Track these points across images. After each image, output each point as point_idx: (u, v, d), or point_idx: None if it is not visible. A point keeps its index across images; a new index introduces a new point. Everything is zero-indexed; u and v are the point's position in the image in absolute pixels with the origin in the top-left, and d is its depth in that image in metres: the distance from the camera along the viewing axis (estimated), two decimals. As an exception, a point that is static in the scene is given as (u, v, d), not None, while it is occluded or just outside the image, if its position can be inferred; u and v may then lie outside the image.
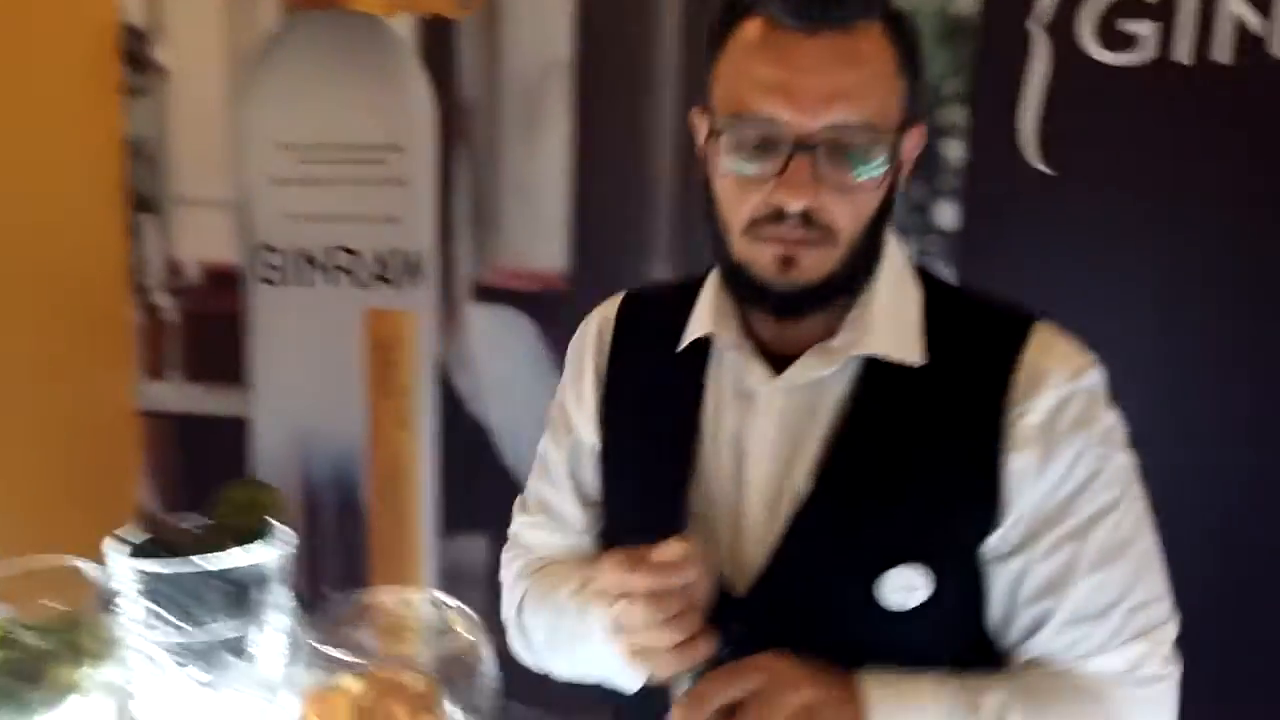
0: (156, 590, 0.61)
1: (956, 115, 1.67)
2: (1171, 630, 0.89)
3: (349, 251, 1.98)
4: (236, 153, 2.01)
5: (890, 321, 0.91)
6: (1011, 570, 0.89)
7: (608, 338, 1.06)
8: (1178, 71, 1.55)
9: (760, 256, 0.87)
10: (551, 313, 1.93)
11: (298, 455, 2.04)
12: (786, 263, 0.86)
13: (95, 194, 2.04)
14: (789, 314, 0.91)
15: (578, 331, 1.10)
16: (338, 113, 1.96)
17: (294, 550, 0.67)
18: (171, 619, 0.61)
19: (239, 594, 0.63)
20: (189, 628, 0.61)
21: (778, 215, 0.85)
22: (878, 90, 0.83)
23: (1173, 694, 0.90)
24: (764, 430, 0.93)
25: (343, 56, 1.95)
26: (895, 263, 0.94)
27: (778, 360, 0.94)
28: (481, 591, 2.01)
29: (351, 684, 0.64)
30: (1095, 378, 0.90)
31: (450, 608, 0.67)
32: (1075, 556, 0.87)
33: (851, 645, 0.86)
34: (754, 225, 0.86)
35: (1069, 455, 0.87)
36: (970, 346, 0.91)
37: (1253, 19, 1.51)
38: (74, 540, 0.73)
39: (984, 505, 0.88)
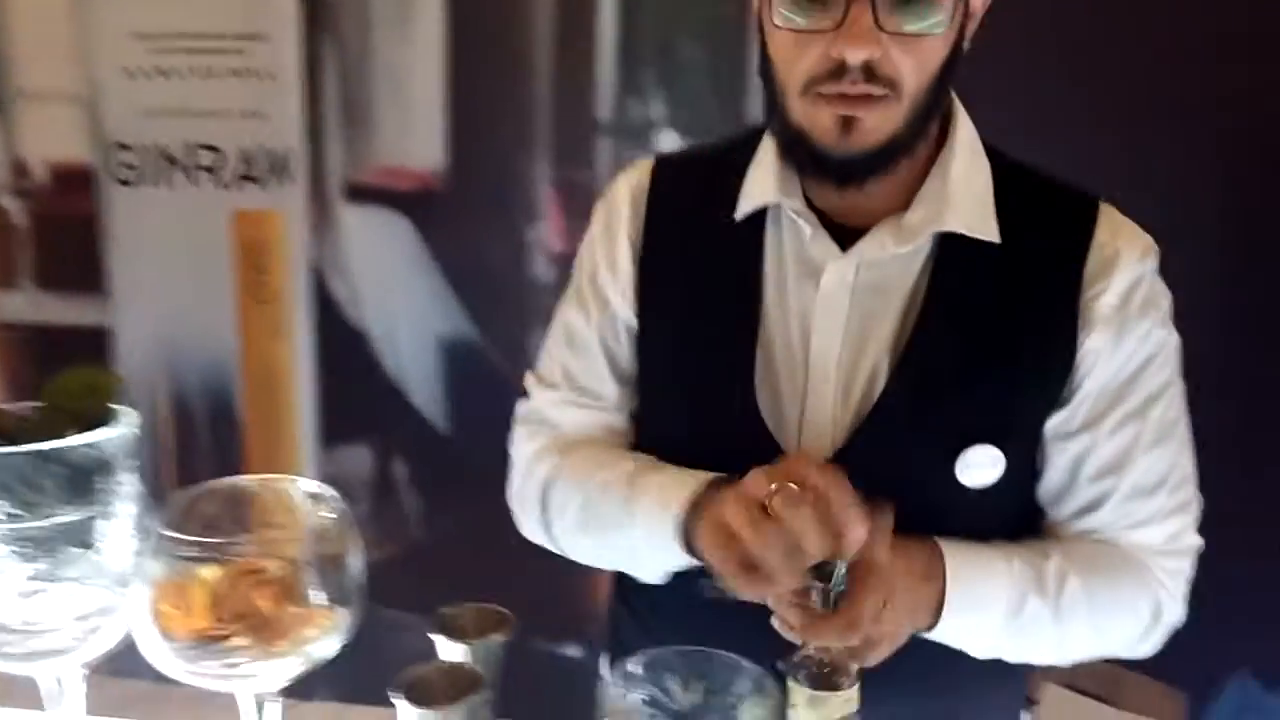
0: (-14, 478, 0.57)
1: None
2: (1199, 507, 0.93)
3: (211, 149, 1.87)
4: (84, 43, 1.87)
5: (967, 197, 0.88)
6: (1076, 447, 0.90)
7: (642, 207, 0.98)
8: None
9: (820, 119, 0.82)
10: (429, 213, 1.87)
11: (165, 366, 1.95)
12: (848, 124, 0.81)
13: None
14: (851, 181, 0.86)
15: (603, 199, 1.03)
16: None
17: (138, 434, 0.63)
18: (7, 507, 0.57)
19: (80, 480, 0.59)
20: (27, 516, 0.57)
21: (838, 70, 0.80)
22: None
23: (1194, 566, 0.94)
24: (834, 307, 0.89)
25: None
26: (967, 133, 0.91)
27: (842, 233, 0.90)
28: (366, 503, 1.99)
29: (208, 573, 0.61)
30: (1156, 258, 0.90)
31: (317, 496, 0.64)
32: (1138, 435, 0.89)
33: (925, 523, 0.86)
34: (813, 83, 0.81)
35: (1138, 335, 0.88)
36: (1042, 225, 0.89)
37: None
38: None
39: (1057, 384, 0.88)
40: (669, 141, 1.81)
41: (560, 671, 1.90)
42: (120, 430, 0.61)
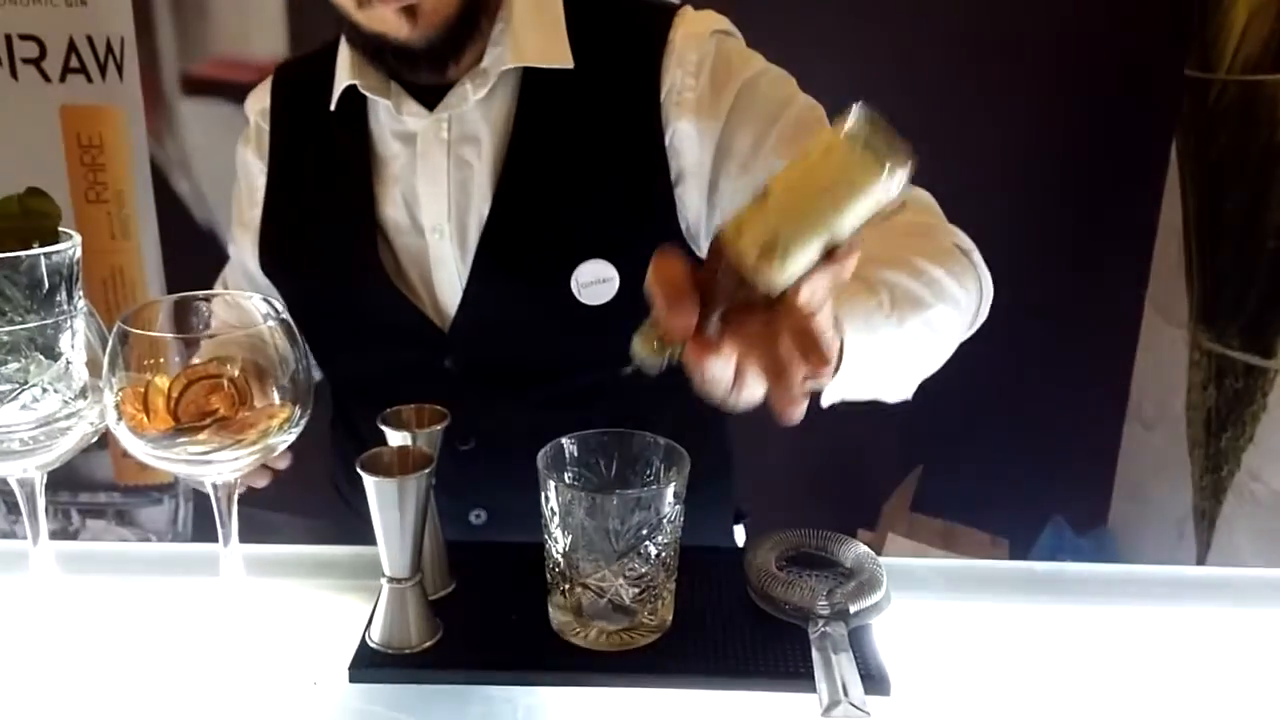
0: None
1: None
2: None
3: (33, 39, 1.78)
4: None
5: (534, 31, 0.90)
6: (722, 189, 0.89)
7: (265, 124, 1.01)
8: None
9: (386, 20, 0.84)
10: (273, 106, 1.85)
11: None
12: (411, 13, 0.83)
13: None
14: (444, 62, 0.89)
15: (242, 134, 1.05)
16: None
17: (79, 251, 0.67)
18: (-27, 313, 0.60)
19: (42, 290, 0.62)
20: (-4, 320, 0.61)
21: None
22: None
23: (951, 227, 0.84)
24: (433, 167, 0.92)
25: None
26: None
27: (433, 95, 0.92)
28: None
29: (165, 380, 0.66)
30: (724, 25, 0.93)
31: (262, 303, 0.69)
32: (774, 134, 0.87)
33: (561, 354, 0.92)
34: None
35: (724, 97, 0.89)
36: (619, 40, 0.91)
37: None
38: None
39: (657, 187, 0.90)
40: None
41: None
42: (72, 245, 0.65)
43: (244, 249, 1.04)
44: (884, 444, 1.91)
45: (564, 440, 0.72)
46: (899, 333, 0.70)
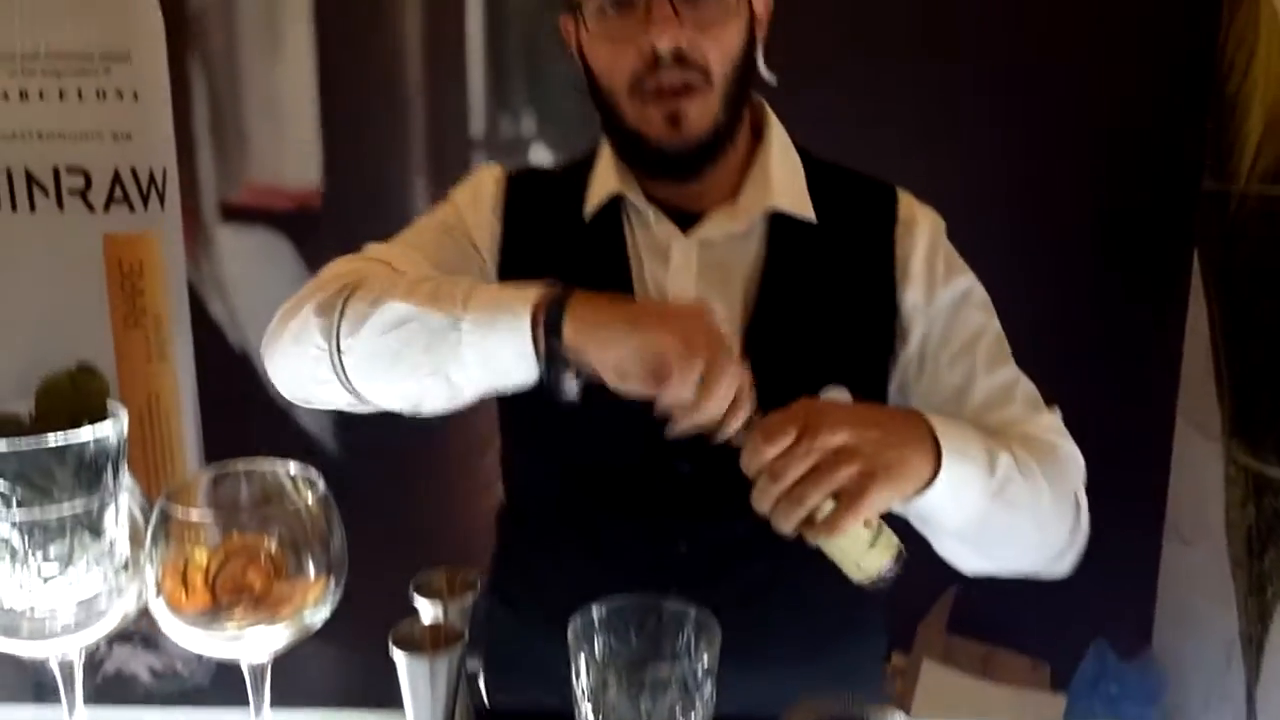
0: (3, 472, 0.61)
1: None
2: (1057, 412, 1.01)
3: (79, 172, 1.84)
4: (-66, 64, 1.81)
5: (786, 180, 1.00)
6: (920, 390, 1.01)
7: (500, 208, 1.05)
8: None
9: (652, 118, 0.92)
10: (307, 231, 1.89)
11: (40, 391, 1.90)
12: (674, 120, 0.92)
13: None
14: (688, 173, 0.97)
15: (469, 184, 1.09)
16: (51, 19, 1.80)
17: (125, 429, 0.68)
18: (23, 498, 0.61)
19: (88, 470, 0.63)
20: (44, 504, 0.62)
21: (654, 63, 0.90)
22: None
23: (1079, 457, 0.98)
24: (684, 285, 0.99)
25: (50, -41, 1.80)
26: (779, 132, 1.03)
27: (682, 220, 1.00)
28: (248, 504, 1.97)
29: (202, 554, 0.66)
30: (943, 224, 1.05)
31: (300, 476, 0.70)
32: (971, 366, 0.99)
33: None
34: (637, 82, 0.92)
35: (949, 285, 1.01)
36: (850, 205, 1.02)
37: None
38: None
39: (885, 333, 1.01)
40: (540, 155, 1.90)
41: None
42: (118, 424, 0.66)
43: (419, 262, 0.99)
44: (918, 560, 1.88)
45: (594, 607, 0.72)
46: (987, 502, 0.85)
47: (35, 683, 1.82)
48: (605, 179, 1.02)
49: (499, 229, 1.05)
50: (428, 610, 0.73)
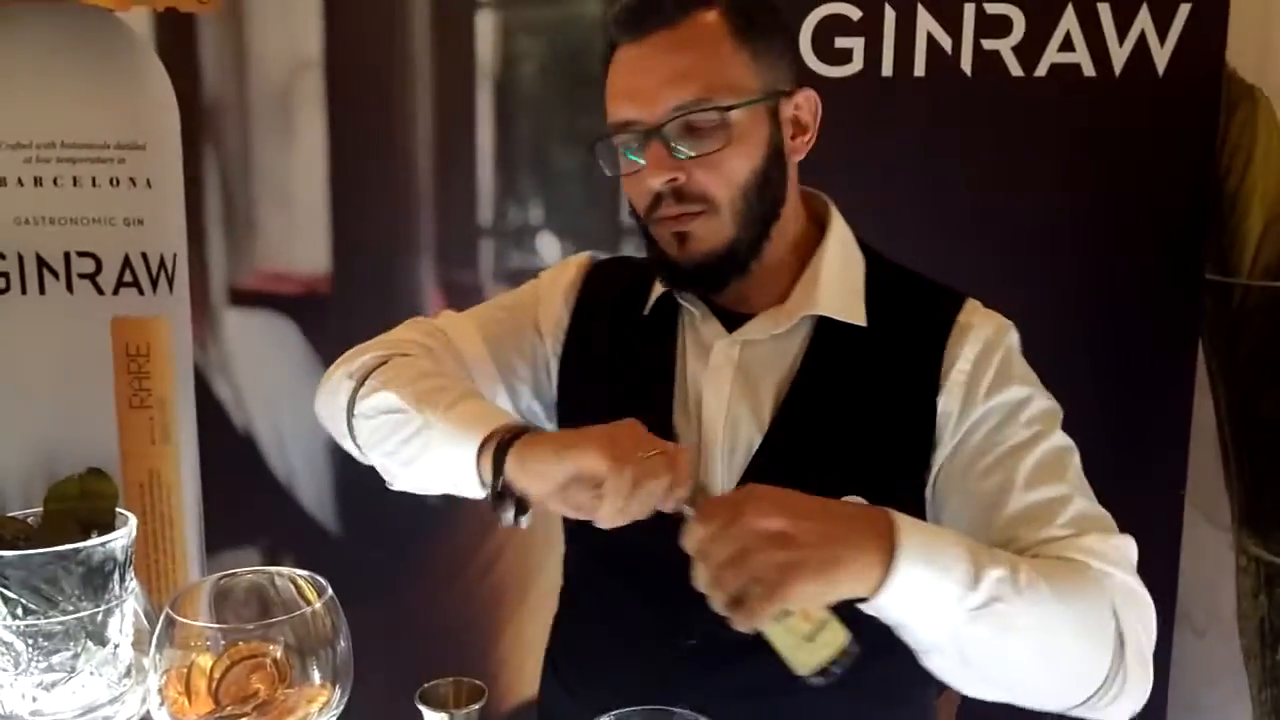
0: (10, 579, 0.61)
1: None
2: (1126, 542, 0.90)
3: (90, 256, 1.86)
4: (-47, 152, 1.84)
5: (838, 285, 1.02)
6: (952, 506, 0.96)
7: (573, 298, 1.13)
8: (883, 82, 1.77)
9: (662, 238, 0.99)
10: (315, 316, 1.91)
11: (43, 473, 1.89)
12: (681, 239, 0.97)
13: None
14: (703, 286, 1.02)
15: (556, 269, 1.17)
16: (68, 110, 1.83)
17: (135, 535, 0.68)
18: (29, 606, 0.61)
19: (95, 577, 0.63)
20: (49, 612, 0.61)
21: (658, 198, 0.96)
22: (711, 66, 0.93)
23: (1140, 593, 0.88)
24: (719, 381, 1.02)
25: (70, 52, 1.83)
26: (840, 234, 1.05)
27: (737, 319, 1.03)
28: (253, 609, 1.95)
29: (208, 659, 0.66)
30: (1013, 336, 1.02)
31: (303, 579, 0.70)
32: (1008, 479, 0.92)
33: None
34: (650, 212, 0.98)
35: (994, 396, 0.96)
36: (909, 312, 1.02)
37: (943, 37, 1.75)
38: None
39: (919, 446, 0.97)
40: (547, 244, 1.93)
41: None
42: (127, 531, 0.66)
43: (471, 336, 1.11)
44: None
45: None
46: (966, 619, 0.78)
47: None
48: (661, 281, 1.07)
49: (567, 317, 1.12)
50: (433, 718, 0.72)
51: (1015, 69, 1.74)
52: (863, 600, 0.77)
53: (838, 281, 1.02)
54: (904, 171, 1.76)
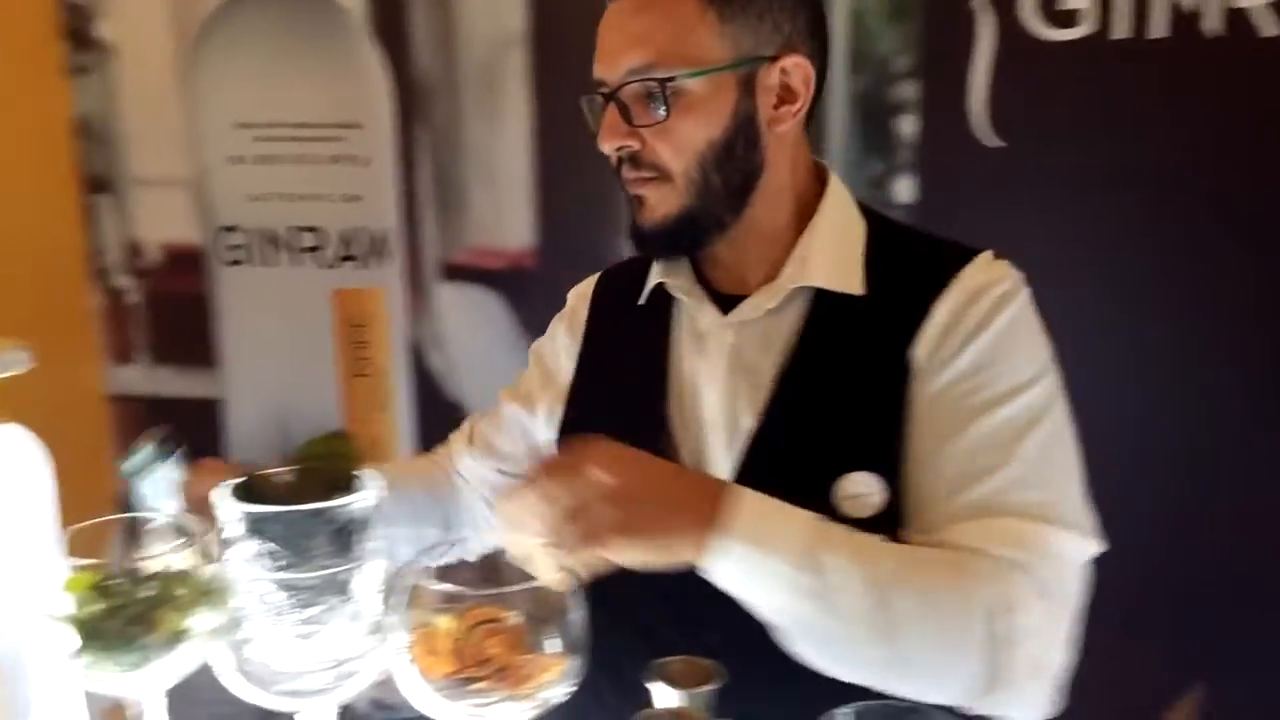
0: (265, 534, 0.63)
1: (909, 91, 1.74)
2: (1064, 537, 0.85)
3: (313, 231, 1.96)
4: (191, 132, 1.98)
5: (832, 255, 0.96)
6: (916, 468, 0.90)
7: (582, 313, 1.13)
8: (1115, 46, 1.65)
9: (630, 198, 0.98)
10: (521, 290, 1.95)
11: (275, 436, 2.02)
12: (639, 202, 0.97)
13: (47, 177, 1.99)
14: (661, 253, 1.01)
15: (575, 289, 1.19)
16: (291, 91, 1.94)
17: (384, 494, 0.70)
18: (283, 560, 0.63)
19: (342, 535, 0.65)
20: (302, 567, 0.64)
21: (619, 162, 0.96)
22: (669, 31, 0.91)
23: (1073, 579, 0.85)
24: (714, 368, 0.98)
25: (291, 34, 1.93)
26: (838, 200, 1.00)
27: (731, 304, 0.99)
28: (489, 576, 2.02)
29: (449, 622, 0.67)
30: (1008, 287, 0.92)
31: (540, 546, 0.70)
32: (957, 439, 0.87)
33: None
34: (617, 173, 0.98)
35: (969, 347, 0.89)
36: (911, 274, 0.95)
37: (1186, -3, 1.61)
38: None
39: (900, 404, 0.90)
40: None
41: None
42: (374, 491, 0.68)
43: (507, 411, 1.18)
44: (1148, 656, 1.73)
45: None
46: (802, 603, 0.79)
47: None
48: (656, 268, 1.04)
49: (580, 338, 1.12)
50: (666, 698, 0.71)
51: (1269, 28, 1.58)
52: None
53: (832, 250, 0.96)
54: (1137, 141, 1.64)
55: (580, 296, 1.16)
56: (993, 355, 0.89)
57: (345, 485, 0.69)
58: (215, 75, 1.96)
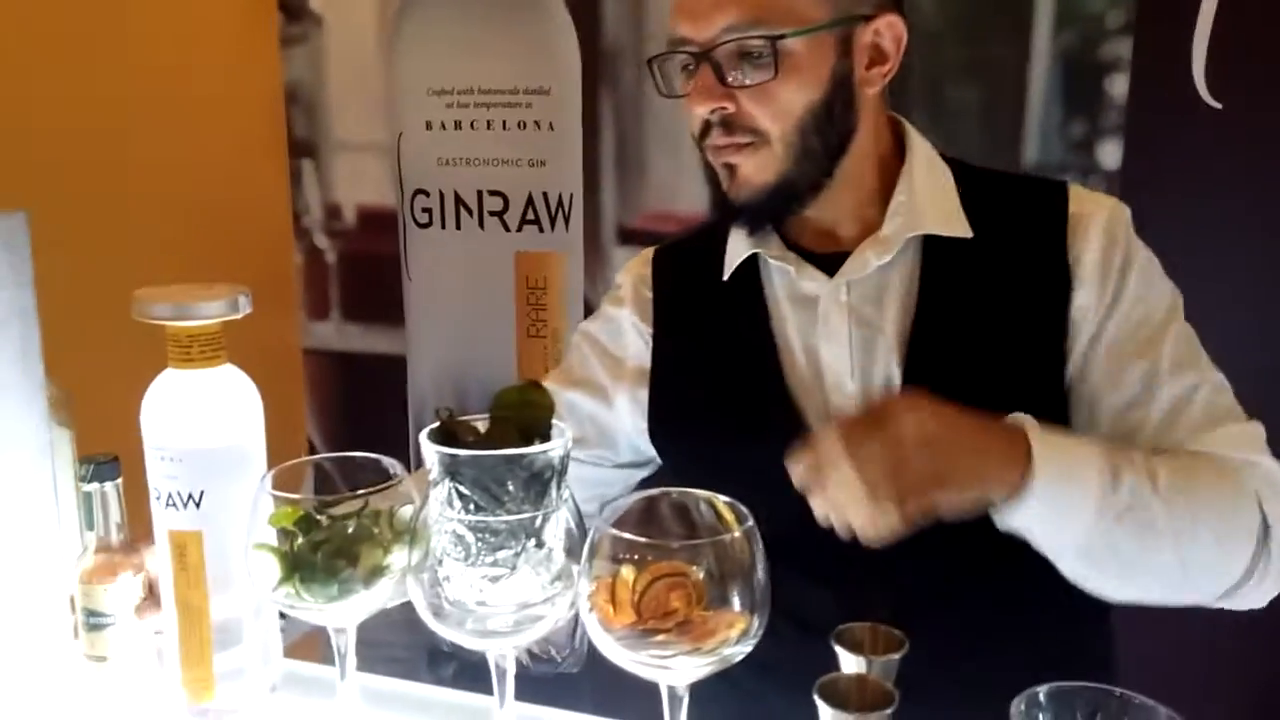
0: (460, 477, 0.65)
1: (1121, 49, 1.63)
2: (1258, 427, 0.92)
3: (499, 194, 2.02)
4: (390, 98, 2.06)
5: (933, 201, 0.96)
6: (1098, 399, 0.93)
7: (645, 293, 1.10)
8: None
9: (719, 170, 0.95)
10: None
11: (452, 392, 2.10)
12: (730, 170, 0.93)
13: (259, 140, 2.11)
14: (759, 223, 0.97)
15: (610, 295, 1.16)
16: (486, 58, 1.99)
17: (570, 446, 0.70)
18: (480, 502, 0.65)
19: (536, 482, 0.66)
20: (497, 510, 0.65)
21: (708, 126, 0.91)
22: None
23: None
24: (835, 329, 0.96)
25: (487, 3, 1.98)
26: (922, 151, 0.99)
27: (831, 262, 0.97)
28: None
29: (631, 572, 0.67)
30: (1126, 214, 0.95)
31: (723, 504, 0.70)
32: (1154, 370, 0.91)
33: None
34: (702, 140, 0.94)
35: (1126, 287, 0.92)
36: (1014, 212, 0.96)
37: None
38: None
39: (1057, 343, 0.92)
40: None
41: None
42: (564, 441, 0.69)
43: (564, 399, 1.12)
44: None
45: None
46: (1108, 527, 0.80)
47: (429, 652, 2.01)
48: (739, 241, 1.01)
49: (649, 319, 1.08)
50: (850, 664, 0.69)
51: None
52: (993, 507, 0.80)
53: (932, 197, 0.96)
54: None
55: (639, 278, 1.12)
56: (1149, 283, 0.93)
57: (538, 434, 0.70)
58: (413, 44, 2.03)
